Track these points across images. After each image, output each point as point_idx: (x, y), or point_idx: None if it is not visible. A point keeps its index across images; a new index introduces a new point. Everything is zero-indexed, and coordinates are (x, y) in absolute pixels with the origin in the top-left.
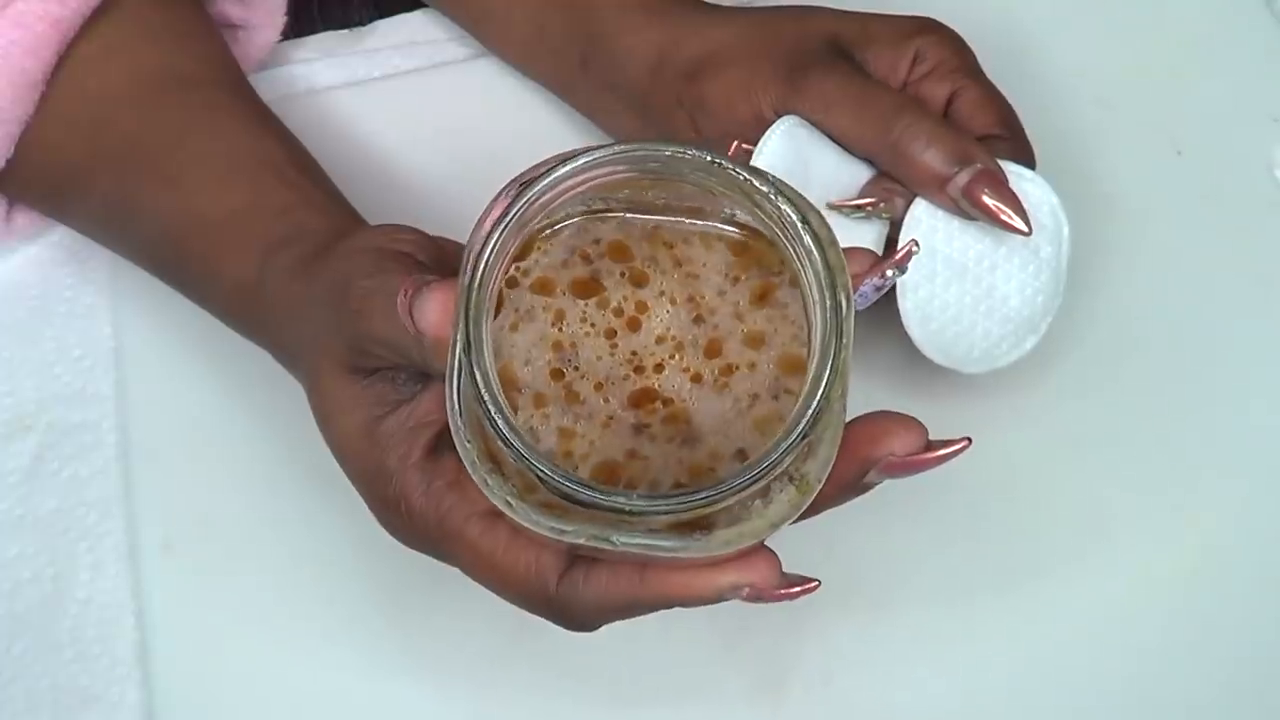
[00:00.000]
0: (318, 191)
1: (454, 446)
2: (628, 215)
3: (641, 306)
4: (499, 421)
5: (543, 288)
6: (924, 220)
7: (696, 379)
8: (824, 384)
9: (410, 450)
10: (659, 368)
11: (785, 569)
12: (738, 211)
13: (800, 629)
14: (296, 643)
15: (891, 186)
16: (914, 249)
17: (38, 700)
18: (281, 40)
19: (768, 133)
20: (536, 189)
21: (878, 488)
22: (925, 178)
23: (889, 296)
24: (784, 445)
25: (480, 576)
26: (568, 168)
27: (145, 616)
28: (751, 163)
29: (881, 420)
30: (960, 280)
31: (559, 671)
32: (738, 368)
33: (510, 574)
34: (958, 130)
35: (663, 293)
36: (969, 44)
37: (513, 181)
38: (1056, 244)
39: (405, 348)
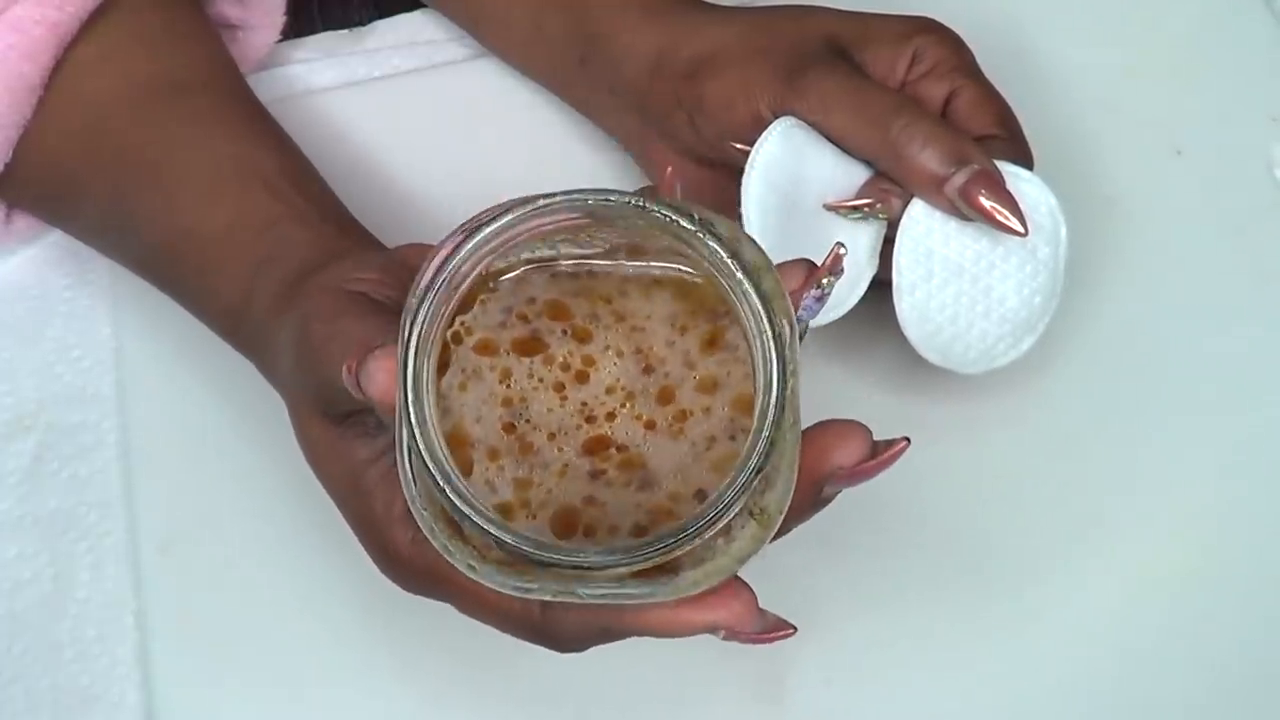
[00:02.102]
0: (307, 203)
1: None
2: (569, 264)
3: (588, 360)
4: (448, 492)
5: (485, 349)
6: (921, 221)
7: (650, 426)
8: (770, 417)
9: (393, 499)
10: (610, 416)
11: (784, 570)
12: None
13: (800, 630)
14: (296, 643)
15: (889, 187)
16: (841, 250)
17: (38, 700)
18: (281, 40)
19: (764, 133)
20: (461, 254)
21: (874, 488)
22: (922, 178)
23: (886, 297)
24: (738, 483)
25: (472, 614)
26: (491, 228)
27: (145, 616)
28: (749, 163)
29: (824, 434)
30: (957, 281)
31: (559, 672)
32: (692, 413)
33: (498, 609)
34: (955, 131)
35: (608, 347)
36: (968, 44)
37: (450, 235)
38: (1054, 245)
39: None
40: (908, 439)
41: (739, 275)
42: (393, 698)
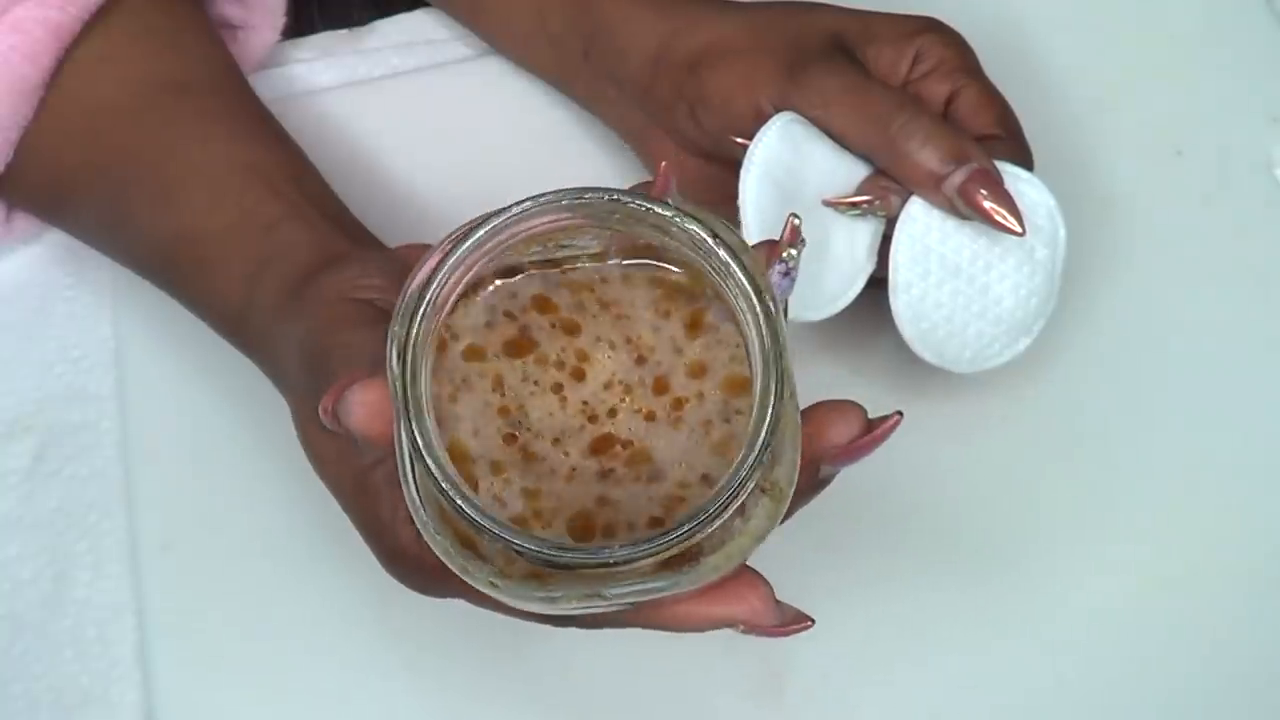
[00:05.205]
0: (308, 203)
1: None
2: (537, 269)
3: (582, 355)
4: (466, 509)
5: (473, 355)
6: (919, 219)
7: (650, 417)
8: (774, 391)
9: (399, 500)
10: (612, 413)
11: (781, 569)
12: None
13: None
14: (296, 643)
15: (887, 184)
16: (795, 220)
17: (38, 700)
18: (281, 40)
19: (763, 128)
20: (443, 271)
21: (870, 485)
22: (921, 176)
23: (883, 294)
24: (750, 459)
25: (486, 605)
26: (493, 223)
27: (145, 616)
28: (747, 157)
29: (819, 413)
30: (954, 280)
31: (559, 672)
32: (687, 400)
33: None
34: (955, 129)
35: (599, 338)
36: (970, 44)
37: (430, 253)
38: (1052, 246)
39: None
40: (900, 413)
41: (722, 254)
42: (393, 697)
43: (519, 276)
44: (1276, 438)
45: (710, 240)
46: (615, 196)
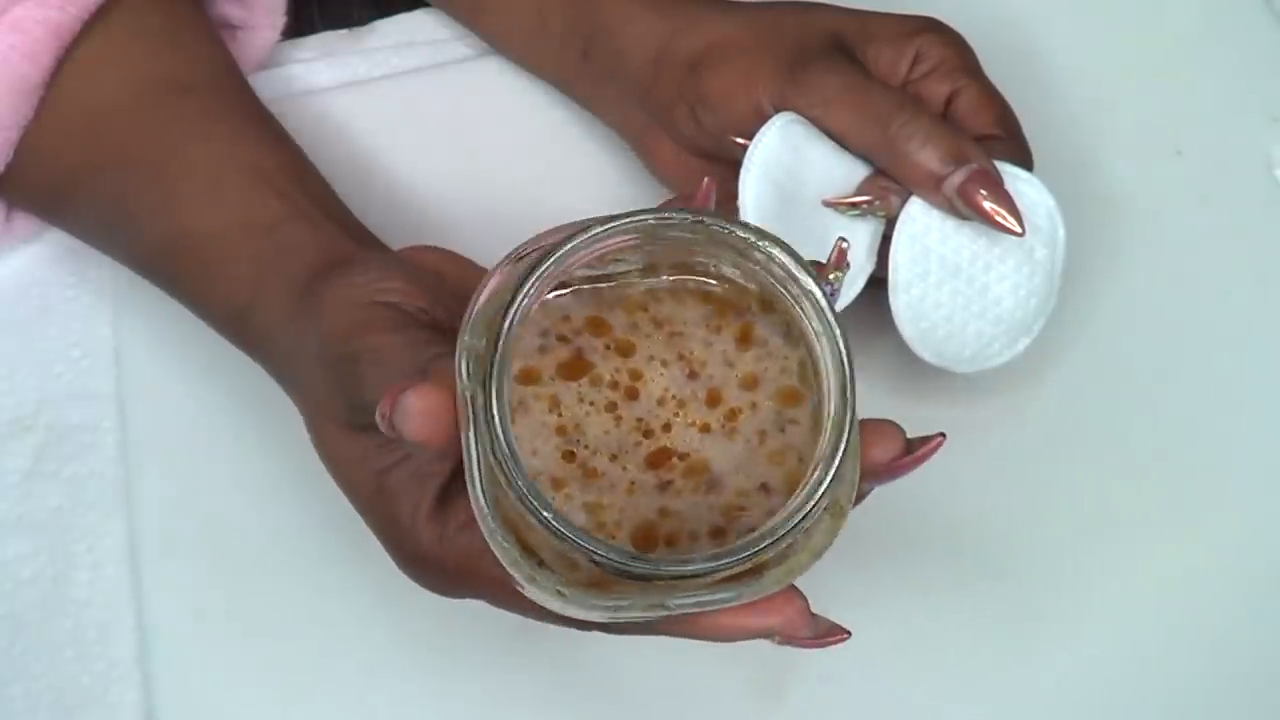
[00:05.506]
0: (310, 203)
1: (463, 491)
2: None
3: (636, 374)
4: (550, 518)
5: (528, 378)
6: (919, 219)
7: (705, 429)
8: (848, 416)
9: (421, 500)
10: (666, 428)
11: None
12: (715, 263)
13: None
14: (296, 643)
15: (887, 185)
16: (844, 245)
17: (38, 700)
18: (281, 40)
19: (763, 128)
20: (534, 279)
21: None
22: (920, 176)
23: (882, 295)
24: (825, 481)
25: (507, 606)
26: (574, 242)
27: (145, 616)
28: (747, 157)
29: (861, 431)
30: (953, 280)
31: (559, 672)
32: (741, 411)
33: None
34: (955, 130)
35: (652, 357)
36: (970, 44)
37: (504, 260)
38: (1052, 246)
39: None
40: (944, 435)
41: (802, 277)
42: (394, 697)
43: (568, 293)
44: (1277, 438)
45: (793, 265)
46: (700, 219)
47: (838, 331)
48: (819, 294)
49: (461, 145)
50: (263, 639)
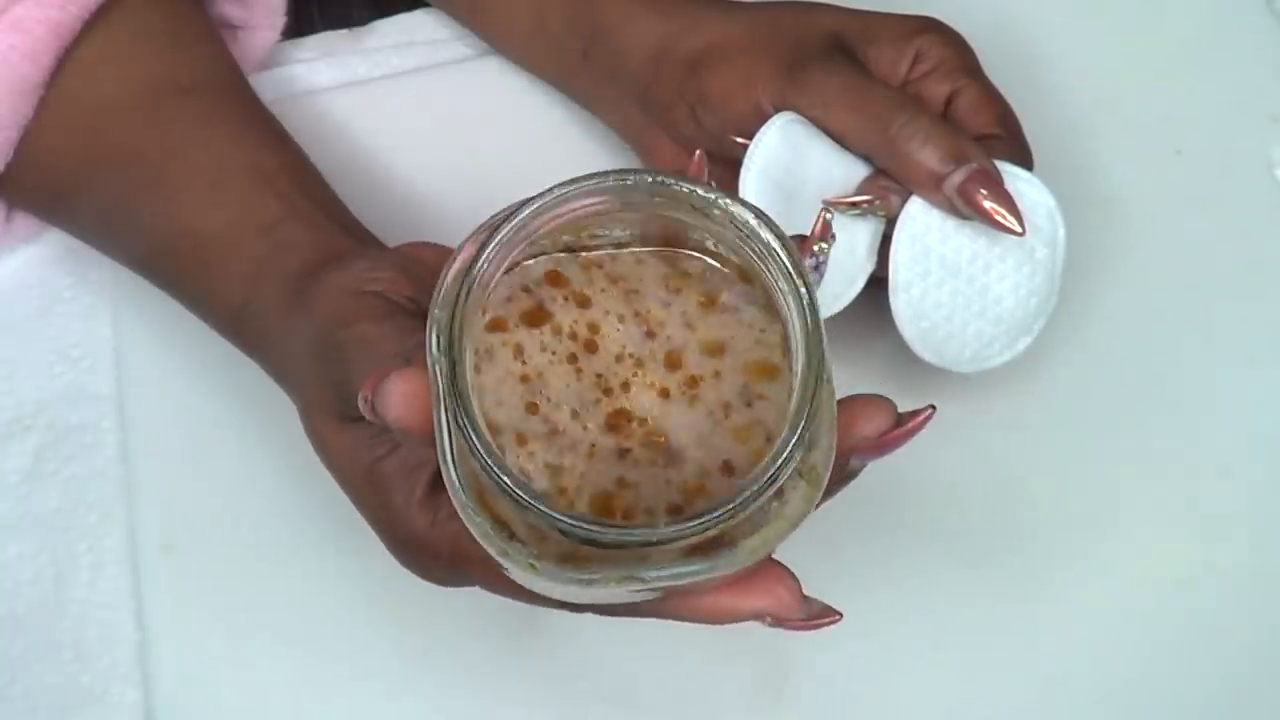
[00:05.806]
0: (309, 203)
1: None
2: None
3: (593, 327)
4: (515, 489)
5: (496, 326)
6: (919, 219)
7: (664, 394)
8: (814, 372)
9: (413, 488)
10: (625, 386)
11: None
12: (713, 241)
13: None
14: (296, 642)
15: (887, 184)
16: (827, 215)
17: (37, 700)
18: (281, 40)
19: (763, 128)
20: (491, 247)
21: (869, 486)
22: (921, 176)
23: (883, 294)
24: (793, 439)
25: (501, 591)
26: (538, 204)
27: (145, 616)
28: (747, 157)
29: (849, 406)
30: (953, 280)
31: (559, 671)
32: (702, 378)
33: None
34: (955, 129)
35: (608, 311)
36: (970, 44)
37: (475, 231)
38: (1052, 246)
39: None
40: (933, 406)
41: (765, 235)
42: (393, 696)
43: (541, 257)
44: (1276, 437)
45: (754, 221)
46: (659, 178)
47: (803, 289)
48: (780, 249)
49: (461, 145)
50: (263, 638)
